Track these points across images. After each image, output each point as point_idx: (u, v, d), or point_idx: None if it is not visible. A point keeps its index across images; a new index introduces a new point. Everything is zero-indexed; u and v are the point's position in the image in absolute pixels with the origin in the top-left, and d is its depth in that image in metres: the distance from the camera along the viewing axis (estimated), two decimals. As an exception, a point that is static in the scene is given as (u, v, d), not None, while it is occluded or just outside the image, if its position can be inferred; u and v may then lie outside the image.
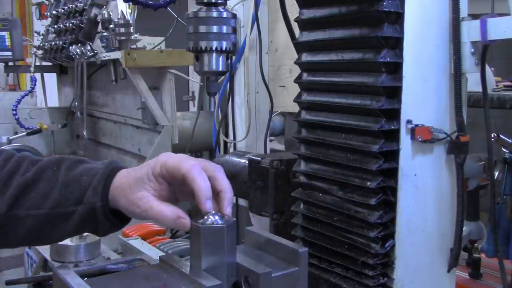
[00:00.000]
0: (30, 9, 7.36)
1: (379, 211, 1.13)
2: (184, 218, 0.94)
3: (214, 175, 0.96)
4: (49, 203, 1.00)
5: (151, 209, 0.96)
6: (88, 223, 1.00)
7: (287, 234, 1.31)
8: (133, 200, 0.97)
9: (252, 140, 2.22)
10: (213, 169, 0.97)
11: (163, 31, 3.22)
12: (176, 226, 0.96)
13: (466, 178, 1.28)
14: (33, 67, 4.00)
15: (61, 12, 3.54)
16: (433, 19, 1.12)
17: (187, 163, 0.95)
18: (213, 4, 0.89)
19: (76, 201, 0.99)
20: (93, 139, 3.83)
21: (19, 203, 0.99)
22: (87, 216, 0.99)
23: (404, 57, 1.09)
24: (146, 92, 2.84)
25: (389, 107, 1.10)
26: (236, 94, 2.22)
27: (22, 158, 1.06)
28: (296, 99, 1.31)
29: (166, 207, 0.96)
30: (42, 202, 1.00)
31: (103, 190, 0.99)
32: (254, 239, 1.06)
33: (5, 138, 3.69)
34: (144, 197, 0.96)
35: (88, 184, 1.00)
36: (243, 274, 0.93)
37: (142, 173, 0.98)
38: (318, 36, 1.24)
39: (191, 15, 0.90)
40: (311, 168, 1.28)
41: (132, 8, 3.05)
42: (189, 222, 0.94)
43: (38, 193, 1.00)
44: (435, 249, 1.19)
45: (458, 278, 1.52)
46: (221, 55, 0.91)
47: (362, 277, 1.17)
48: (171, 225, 0.97)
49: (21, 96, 3.94)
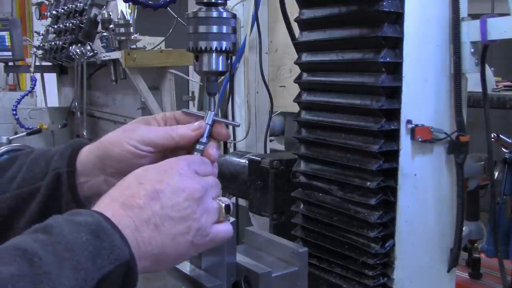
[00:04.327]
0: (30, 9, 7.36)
1: (379, 211, 1.13)
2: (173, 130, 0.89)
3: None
4: (16, 183, 0.91)
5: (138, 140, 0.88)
6: (52, 199, 0.90)
7: (287, 234, 1.31)
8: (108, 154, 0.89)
9: (252, 140, 2.22)
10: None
11: (163, 31, 3.22)
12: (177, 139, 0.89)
13: (466, 178, 1.28)
14: (33, 67, 4.00)
15: (61, 12, 3.54)
16: (433, 19, 1.12)
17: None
18: (213, 4, 0.89)
19: (43, 173, 0.91)
20: (93, 139, 3.82)
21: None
22: (52, 190, 0.90)
23: (404, 57, 1.09)
24: (146, 92, 2.84)
25: (389, 107, 1.10)
26: (236, 94, 2.22)
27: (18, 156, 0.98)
28: (296, 99, 1.31)
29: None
30: (8, 185, 0.91)
31: (70, 155, 0.91)
32: (254, 239, 1.06)
33: (5, 138, 3.69)
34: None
35: (54, 153, 0.92)
36: (243, 274, 0.93)
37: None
38: (318, 36, 1.24)
39: (191, 15, 0.90)
40: (311, 168, 1.28)
41: (132, 8, 3.05)
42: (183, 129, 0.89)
43: (6, 178, 0.92)
44: (435, 249, 1.19)
45: (458, 278, 1.52)
46: (221, 55, 0.90)
47: (362, 277, 1.17)
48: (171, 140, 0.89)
49: (21, 96, 3.94)
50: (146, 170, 0.81)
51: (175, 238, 0.77)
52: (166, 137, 0.89)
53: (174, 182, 0.79)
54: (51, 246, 0.65)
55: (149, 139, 0.88)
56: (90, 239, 0.67)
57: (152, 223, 0.75)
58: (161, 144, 0.89)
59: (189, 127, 0.90)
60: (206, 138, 0.90)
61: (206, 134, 0.90)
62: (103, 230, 0.69)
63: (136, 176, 0.80)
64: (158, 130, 0.91)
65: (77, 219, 0.70)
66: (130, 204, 0.76)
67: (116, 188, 0.79)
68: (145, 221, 0.75)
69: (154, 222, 0.76)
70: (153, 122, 0.94)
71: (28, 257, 0.63)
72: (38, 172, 0.91)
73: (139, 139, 0.88)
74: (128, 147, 0.88)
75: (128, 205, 0.75)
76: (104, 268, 0.67)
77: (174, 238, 0.77)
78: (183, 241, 0.78)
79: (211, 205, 0.82)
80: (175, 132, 0.89)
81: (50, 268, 0.63)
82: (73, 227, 0.68)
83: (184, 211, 0.78)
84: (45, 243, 0.65)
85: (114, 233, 0.70)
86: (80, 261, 0.65)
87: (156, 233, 0.76)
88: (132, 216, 0.74)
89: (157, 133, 0.89)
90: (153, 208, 0.76)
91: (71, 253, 0.65)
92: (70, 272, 0.64)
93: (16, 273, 0.61)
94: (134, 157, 0.88)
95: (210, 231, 0.81)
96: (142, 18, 3.22)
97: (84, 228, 0.68)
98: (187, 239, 0.78)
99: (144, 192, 0.77)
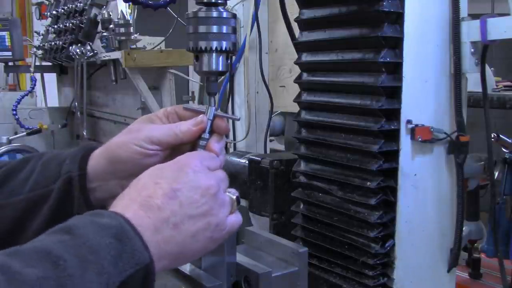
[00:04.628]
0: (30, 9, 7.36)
1: (379, 211, 1.13)
2: (177, 126, 0.91)
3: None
4: (29, 186, 0.92)
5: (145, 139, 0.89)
6: (64, 202, 0.91)
7: (287, 234, 1.31)
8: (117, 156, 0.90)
9: (252, 140, 2.21)
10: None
11: (163, 31, 3.22)
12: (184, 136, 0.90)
13: (466, 178, 1.28)
14: (33, 67, 4.00)
15: (61, 12, 3.54)
16: (433, 19, 1.12)
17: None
18: (213, 4, 0.89)
19: (55, 176, 0.91)
20: (93, 139, 3.83)
21: (0, 192, 0.92)
22: (64, 192, 0.90)
23: (404, 57, 1.09)
24: (146, 92, 2.84)
25: (389, 107, 1.10)
26: (236, 94, 2.22)
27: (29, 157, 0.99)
28: (296, 99, 1.31)
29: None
30: (22, 187, 0.92)
31: (81, 159, 0.92)
32: (254, 239, 1.06)
33: (5, 138, 3.69)
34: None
35: (66, 156, 0.93)
36: (243, 274, 0.93)
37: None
38: (318, 36, 1.24)
39: (191, 15, 0.90)
40: (311, 168, 1.28)
41: (132, 8, 3.06)
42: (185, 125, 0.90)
43: (19, 180, 0.93)
44: (435, 249, 1.19)
45: (458, 278, 1.52)
46: (221, 55, 0.90)
47: (362, 277, 1.17)
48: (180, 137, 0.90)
49: (21, 96, 3.94)
50: (160, 170, 0.81)
51: (195, 236, 0.78)
52: (171, 134, 0.90)
53: (190, 180, 0.80)
54: (75, 248, 0.66)
55: (155, 138, 0.89)
56: (112, 243, 0.68)
57: (172, 222, 0.76)
58: (166, 142, 0.90)
59: (191, 123, 0.91)
60: (209, 134, 0.91)
61: (208, 130, 0.91)
62: (125, 234, 0.70)
63: (151, 176, 0.80)
64: (162, 128, 0.91)
65: (101, 221, 0.70)
66: (149, 204, 0.76)
67: (132, 188, 0.79)
68: (164, 221, 0.75)
69: (173, 221, 0.76)
70: (156, 119, 0.94)
71: (52, 259, 0.63)
72: (50, 175, 0.92)
73: (145, 139, 0.89)
74: (135, 148, 0.89)
75: (147, 206, 0.75)
76: (125, 272, 0.67)
77: (194, 235, 0.78)
78: (202, 238, 0.79)
79: (225, 199, 0.83)
80: (179, 129, 0.90)
81: (74, 271, 0.63)
82: (97, 230, 0.69)
83: (202, 207, 0.79)
84: (69, 244, 0.66)
85: (135, 237, 0.70)
86: (104, 264, 0.66)
87: (176, 232, 0.76)
88: (152, 217, 0.75)
89: (162, 131, 0.90)
90: (172, 208, 0.77)
91: (95, 256, 0.66)
92: (94, 275, 0.64)
93: (41, 275, 0.61)
94: (142, 157, 0.89)
95: (227, 224, 0.82)
96: (142, 18, 3.23)
97: (107, 231, 0.69)
98: (206, 235, 0.79)
99: (162, 191, 0.77)
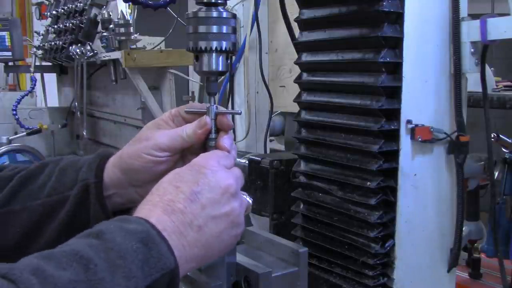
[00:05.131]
0: (30, 9, 7.36)
1: (379, 211, 1.13)
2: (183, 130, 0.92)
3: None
4: (46, 191, 0.93)
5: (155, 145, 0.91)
6: (80, 209, 0.92)
7: (287, 234, 1.31)
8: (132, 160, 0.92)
9: (252, 140, 2.21)
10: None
11: (163, 31, 3.22)
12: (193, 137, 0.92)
13: (466, 178, 1.28)
14: (33, 67, 3.99)
15: (61, 12, 3.54)
16: (433, 19, 1.12)
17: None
18: (213, 4, 0.89)
19: (72, 183, 0.93)
20: (93, 139, 3.83)
21: (17, 196, 0.94)
22: (80, 199, 0.92)
23: (404, 57, 1.09)
24: (146, 92, 2.84)
25: (389, 107, 1.10)
26: (236, 94, 2.22)
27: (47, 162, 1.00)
28: (296, 99, 1.31)
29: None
30: (39, 192, 0.94)
31: (98, 166, 0.93)
32: (254, 239, 1.06)
33: (5, 138, 3.69)
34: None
35: (83, 164, 0.95)
36: (243, 274, 0.93)
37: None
38: (318, 36, 1.24)
39: (191, 15, 0.90)
40: (311, 168, 1.28)
41: (132, 8, 3.05)
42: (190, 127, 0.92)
43: (37, 185, 0.95)
44: (435, 249, 1.19)
45: (458, 278, 1.52)
46: (221, 55, 0.90)
47: (362, 277, 1.17)
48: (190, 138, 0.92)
49: (21, 96, 3.93)
50: (179, 174, 0.82)
51: (219, 236, 0.79)
52: (178, 139, 0.92)
53: (209, 181, 0.80)
54: (104, 252, 0.67)
55: (164, 145, 0.91)
56: (140, 247, 0.69)
57: (195, 225, 0.77)
58: (175, 147, 0.92)
59: (195, 126, 0.92)
60: (215, 133, 0.92)
61: (214, 129, 0.92)
62: (152, 239, 0.71)
63: (171, 180, 0.81)
64: (169, 133, 0.93)
65: (129, 227, 0.71)
66: (171, 209, 0.76)
67: (154, 194, 0.80)
68: (188, 224, 0.76)
69: (197, 224, 0.77)
70: (163, 124, 0.95)
71: (84, 263, 0.65)
72: (67, 182, 0.93)
73: (154, 147, 0.91)
74: (147, 157, 0.91)
75: (170, 210, 0.76)
76: (151, 276, 0.68)
77: (219, 235, 0.79)
78: (227, 237, 0.81)
79: (243, 197, 0.85)
80: (185, 133, 0.92)
81: (104, 275, 0.65)
82: (125, 235, 0.70)
83: (224, 207, 0.80)
84: (99, 249, 0.67)
85: (161, 242, 0.71)
86: (132, 269, 0.67)
87: (200, 234, 0.77)
88: (175, 221, 0.75)
89: (169, 137, 0.92)
90: (194, 211, 0.77)
91: (123, 260, 0.67)
92: (122, 279, 0.66)
93: (73, 278, 0.63)
94: (154, 165, 0.91)
95: (242, 221, 0.84)
96: (142, 18, 3.22)
97: (135, 236, 0.70)
98: (230, 233, 0.81)
99: (183, 195, 0.78)
